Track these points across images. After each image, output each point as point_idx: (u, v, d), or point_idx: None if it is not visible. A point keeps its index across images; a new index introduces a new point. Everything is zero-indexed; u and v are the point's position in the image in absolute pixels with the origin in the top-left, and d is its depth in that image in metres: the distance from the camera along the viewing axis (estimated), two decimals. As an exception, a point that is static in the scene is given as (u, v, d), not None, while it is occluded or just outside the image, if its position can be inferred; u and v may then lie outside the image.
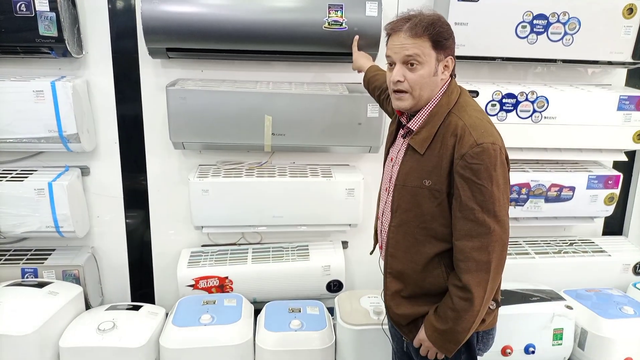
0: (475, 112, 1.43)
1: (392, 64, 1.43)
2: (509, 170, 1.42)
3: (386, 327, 2.06)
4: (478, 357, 1.57)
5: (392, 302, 1.56)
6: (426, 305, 1.50)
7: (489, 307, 1.47)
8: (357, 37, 2.14)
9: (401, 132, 1.55)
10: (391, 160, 1.58)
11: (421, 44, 1.36)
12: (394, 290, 1.55)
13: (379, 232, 1.67)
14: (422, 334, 1.49)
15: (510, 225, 1.41)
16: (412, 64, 1.38)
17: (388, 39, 1.45)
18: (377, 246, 1.72)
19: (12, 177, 2.26)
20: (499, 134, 1.41)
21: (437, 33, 1.36)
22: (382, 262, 1.69)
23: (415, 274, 1.50)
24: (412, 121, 1.47)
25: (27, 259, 2.41)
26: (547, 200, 2.48)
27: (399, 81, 1.41)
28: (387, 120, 2.10)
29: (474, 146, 1.32)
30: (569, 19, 2.24)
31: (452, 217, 1.40)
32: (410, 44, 1.36)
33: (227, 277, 2.40)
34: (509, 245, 1.43)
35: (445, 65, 1.42)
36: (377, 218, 1.73)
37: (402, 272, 1.52)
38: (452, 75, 1.48)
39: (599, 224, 2.85)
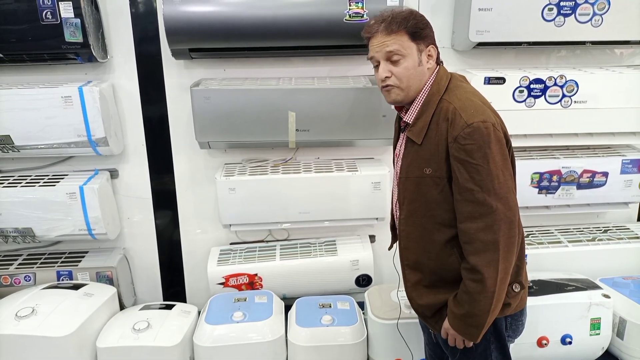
0: (466, 93, 1.44)
1: (377, 64, 1.48)
2: (509, 148, 1.42)
3: (405, 321, 2.04)
4: (509, 345, 1.55)
5: (415, 293, 1.57)
6: (447, 293, 1.50)
7: (512, 290, 1.46)
8: None
9: (401, 127, 1.59)
10: (396, 155, 1.62)
11: (399, 38, 1.41)
12: (414, 281, 1.56)
13: (397, 226, 1.67)
14: (446, 323, 1.49)
15: (541, 213, 1.38)
16: (395, 60, 1.43)
17: (368, 43, 1.49)
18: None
19: (44, 182, 2.32)
20: (493, 112, 1.41)
21: (412, 25, 1.41)
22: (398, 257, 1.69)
23: (431, 262, 1.51)
24: (407, 115, 1.51)
25: (62, 262, 2.47)
26: (580, 186, 2.42)
27: (386, 77, 1.45)
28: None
29: (464, 127, 1.34)
30: (597, -2, 2.17)
31: (454, 201, 1.41)
32: (389, 40, 1.42)
33: (256, 274, 2.41)
34: (541, 234, 1.41)
35: (429, 55, 1.46)
36: (392, 213, 1.74)
37: (417, 262, 1.54)
38: (439, 63, 1.51)
39: (634, 210, 2.77)
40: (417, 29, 1.42)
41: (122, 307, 2.42)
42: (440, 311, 1.53)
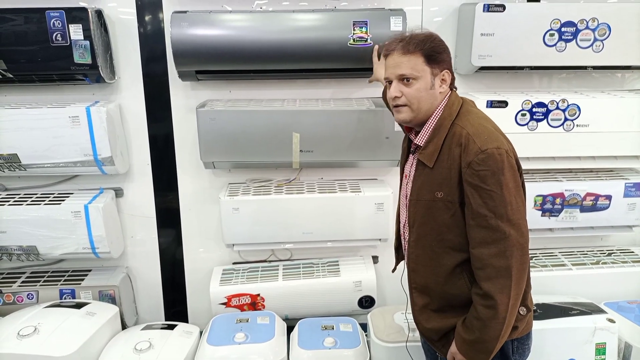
0: (478, 119, 1.45)
1: (390, 82, 1.49)
2: (520, 175, 1.43)
3: (410, 344, 2.03)
4: None
5: (422, 317, 1.57)
6: (455, 317, 1.49)
7: (519, 313, 1.45)
8: (377, 46, 2.12)
9: (412, 148, 1.59)
10: (406, 177, 1.61)
11: (414, 59, 1.42)
12: (422, 305, 1.56)
13: (403, 248, 1.68)
14: (453, 347, 1.48)
15: (545, 236, 1.38)
16: (407, 79, 1.43)
17: (385, 62, 1.51)
18: (403, 263, 1.71)
19: (49, 201, 2.33)
20: (505, 139, 1.42)
21: (429, 48, 1.42)
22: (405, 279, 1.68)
23: (439, 287, 1.50)
24: (418, 137, 1.51)
25: (65, 280, 2.47)
26: (583, 209, 2.42)
27: (396, 97, 1.46)
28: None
29: (478, 153, 1.34)
30: (598, 24, 2.20)
31: (466, 226, 1.41)
32: (405, 61, 1.43)
33: (258, 294, 2.41)
34: (544, 257, 1.41)
35: (442, 79, 1.46)
36: (398, 235, 1.74)
37: (426, 285, 1.53)
38: (453, 88, 1.52)
39: (638, 233, 2.75)
40: (434, 53, 1.43)
41: (124, 326, 2.41)
42: (447, 335, 1.52)
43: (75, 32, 2.13)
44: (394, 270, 1.85)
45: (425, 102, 1.45)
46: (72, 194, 2.41)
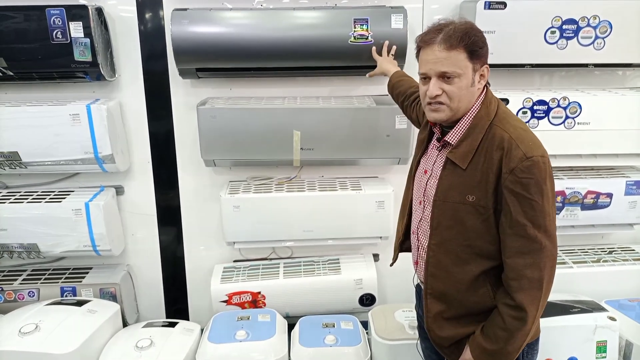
0: (518, 122, 1.38)
1: (426, 78, 1.37)
2: None
3: (411, 342, 2.01)
4: None
5: (435, 325, 1.49)
6: (470, 326, 1.44)
7: None
8: (374, 47, 2.12)
9: (435, 144, 1.49)
10: (425, 172, 1.51)
11: (457, 56, 1.30)
12: (436, 312, 1.48)
13: (414, 247, 1.61)
14: (467, 355, 1.42)
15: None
16: (449, 77, 1.32)
17: (420, 52, 1.38)
18: (412, 262, 1.64)
19: (50, 199, 2.33)
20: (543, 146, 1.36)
21: (472, 42, 1.30)
22: (416, 279, 1.65)
23: (459, 294, 1.43)
24: (450, 134, 1.40)
25: (66, 278, 2.47)
26: (584, 207, 2.42)
27: (437, 95, 1.35)
28: (416, 131, 2.09)
29: (523, 160, 1.27)
30: (599, 22, 2.20)
31: (501, 234, 1.34)
32: (445, 57, 1.30)
33: (259, 292, 2.41)
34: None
35: (482, 75, 1.36)
36: (404, 231, 1.67)
37: (444, 292, 1.46)
38: (487, 85, 1.41)
39: (639, 231, 2.75)
40: (477, 48, 1.31)
41: (125, 324, 2.41)
42: (458, 343, 1.47)
43: (76, 29, 2.12)
44: (392, 264, 1.79)
45: (465, 100, 1.35)
46: (72, 191, 2.41)
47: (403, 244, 1.71)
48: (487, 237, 1.37)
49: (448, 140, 1.41)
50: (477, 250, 1.39)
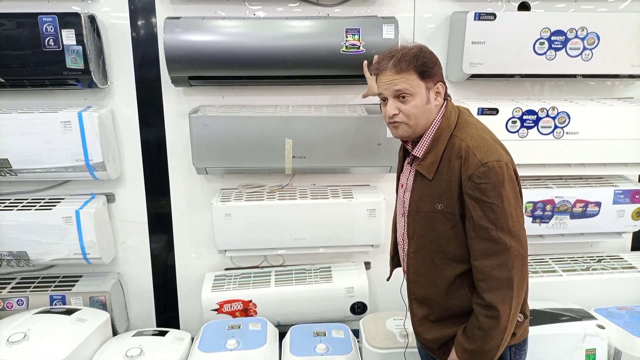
0: (477, 130, 1.45)
1: (385, 99, 1.48)
2: (519, 184, 1.44)
3: (410, 350, 2.03)
4: None
5: (421, 328, 1.58)
6: (455, 327, 1.50)
7: (517, 320, 1.46)
8: (365, 62, 2.14)
9: (408, 159, 1.58)
10: (402, 186, 1.62)
11: (408, 77, 1.41)
12: (421, 316, 1.57)
13: (401, 258, 1.68)
14: (453, 355, 1.49)
15: (535, 242, 1.40)
16: (403, 97, 1.43)
17: (377, 78, 1.49)
18: (402, 271, 1.71)
19: (40, 206, 2.32)
20: (504, 150, 1.43)
21: (421, 64, 1.41)
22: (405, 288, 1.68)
23: (440, 297, 1.51)
24: (416, 148, 1.50)
25: (56, 286, 2.45)
26: (573, 216, 2.44)
27: (394, 114, 1.45)
28: (408, 141, 2.11)
29: (479, 166, 1.35)
30: (587, 34, 2.23)
31: (467, 238, 1.42)
32: (398, 79, 1.41)
33: (250, 301, 2.40)
34: (535, 263, 1.43)
35: (437, 92, 1.46)
36: (394, 244, 1.74)
37: (426, 297, 1.54)
38: (447, 98, 1.51)
39: (627, 240, 2.79)
40: (426, 68, 1.42)
41: (114, 332, 2.40)
42: (447, 343, 1.54)
43: (68, 37, 2.12)
44: (388, 279, 1.85)
45: (422, 117, 1.45)
46: (63, 199, 2.40)
47: (395, 257, 1.76)
48: (457, 242, 1.45)
49: (415, 154, 1.51)
50: (450, 255, 1.47)
